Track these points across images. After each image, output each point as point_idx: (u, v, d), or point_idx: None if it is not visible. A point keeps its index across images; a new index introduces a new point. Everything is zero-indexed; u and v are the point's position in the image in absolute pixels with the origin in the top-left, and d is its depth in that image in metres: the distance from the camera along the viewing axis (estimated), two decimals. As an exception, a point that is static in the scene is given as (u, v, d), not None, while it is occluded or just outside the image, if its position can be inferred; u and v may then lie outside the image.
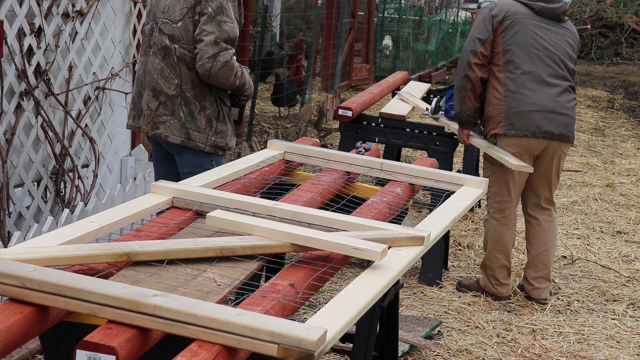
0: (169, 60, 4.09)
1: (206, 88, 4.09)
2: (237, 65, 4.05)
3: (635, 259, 6.01)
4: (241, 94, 4.21)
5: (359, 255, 2.42)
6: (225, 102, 4.17)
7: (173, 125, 4.12)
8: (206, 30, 3.95)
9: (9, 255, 2.16)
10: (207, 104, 4.11)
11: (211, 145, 4.15)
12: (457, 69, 4.96)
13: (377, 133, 6.00)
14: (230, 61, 3.97)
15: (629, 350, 4.51)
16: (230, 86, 4.08)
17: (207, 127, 4.12)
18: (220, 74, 3.98)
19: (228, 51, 3.97)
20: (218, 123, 4.14)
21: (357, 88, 13.06)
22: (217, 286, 2.23)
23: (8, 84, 4.54)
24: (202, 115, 4.10)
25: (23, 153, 4.72)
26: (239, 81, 4.07)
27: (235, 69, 4.02)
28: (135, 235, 2.55)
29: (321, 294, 4.65)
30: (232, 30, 3.99)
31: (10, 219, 4.58)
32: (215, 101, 4.13)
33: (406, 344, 4.25)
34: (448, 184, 3.45)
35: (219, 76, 3.99)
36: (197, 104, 4.09)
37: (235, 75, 4.03)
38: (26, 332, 1.92)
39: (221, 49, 3.95)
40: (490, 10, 4.89)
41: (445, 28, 17.96)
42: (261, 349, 1.84)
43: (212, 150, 4.16)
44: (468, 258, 5.86)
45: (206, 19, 3.95)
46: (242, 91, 4.18)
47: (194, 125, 4.10)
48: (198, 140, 4.12)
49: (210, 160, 4.19)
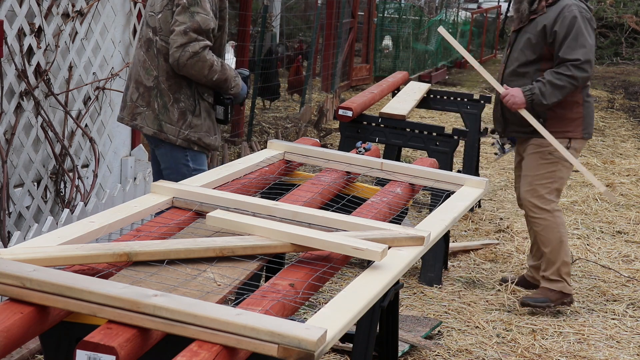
0: (151, 52, 4.08)
1: (183, 81, 4.03)
2: (214, 59, 3.96)
3: (635, 259, 6.01)
4: (225, 92, 4.12)
5: (359, 255, 2.42)
6: (204, 98, 4.09)
7: (148, 117, 4.09)
8: (179, 20, 3.91)
9: (9, 255, 2.16)
10: (182, 97, 4.04)
11: (183, 139, 4.07)
12: (567, 70, 4.70)
13: (377, 133, 6.00)
14: (200, 52, 3.89)
15: (629, 350, 4.51)
16: (206, 80, 3.99)
17: (180, 120, 4.05)
18: (190, 64, 3.90)
19: (199, 42, 3.90)
20: (193, 117, 4.06)
21: (357, 88, 13.06)
22: (217, 286, 2.23)
23: (8, 84, 4.54)
24: (175, 108, 4.04)
25: (23, 153, 4.72)
26: (217, 76, 3.99)
27: (208, 62, 3.93)
28: (135, 235, 2.55)
29: (321, 294, 4.65)
30: (204, 21, 3.91)
31: (10, 219, 4.58)
32: (193, 95, 4.06)
33: (406, 344, 4.25)
34: (448, 184, 3.45)
35: (188, 67, 3.92)
36: (171, 96, 4.04)
37: (210, 69, 3.95)
38: (26, 332, 1.92)
39: (190, 39, 3.88)
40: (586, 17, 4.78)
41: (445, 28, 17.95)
42: (261, 349, 1.84)
43: (185, 145, 4.08)
44: (468, 258, 5.86)
45: (180, 9, 3.92)
46: (225, 88, 4.09)
47: (166, 117, 4.05)
48: (170, 133, 4.06)
49: (185, 155, 4.11)
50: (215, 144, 4.18)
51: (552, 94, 4.72)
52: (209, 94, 4.11)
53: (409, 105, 6.57)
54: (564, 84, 4.70)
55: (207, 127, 4.11)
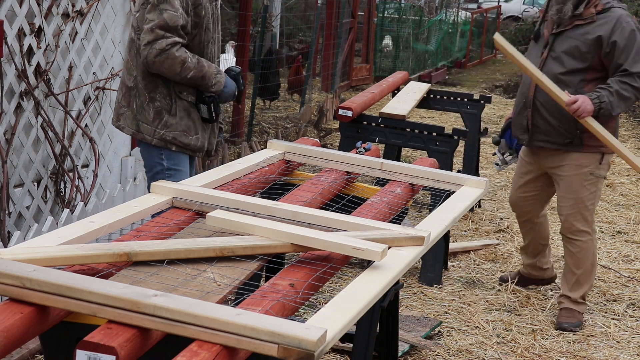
0: (132, 52, 4.04)
1: (159, 80, 3.96)
2: (186, 56, 3.87)
3: (635, 259, 6.01)
4: (205, 90, 4.01)
5: (359, 255, 2.42)
6: (182, 97, 4.00)
7: (128, 117, 4.05)
8: (148, 18, 3.86)
9: (9, 255, 2.16)
10: (158, 96, 3.98)
11: (159, 139, 4.00)
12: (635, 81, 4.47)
13: (377, 133, 6.00)
14: (168, 49, 3.82)
15: (629, 350, 4.51)
16: (180, 78, 3.91)
17: (155, 119, 3.99)
18: (158, 62, 3.84)
19: (166, 39, 3.82)
20: (169, 117, 3.99)
21: (357, 88, 13.06)
22: (217, 286, 2.23)
23: (8, 84, 4.54)
24: (151, 107, 3.98)
25: (23, 153, 4.72)
26: (192, 73, 3.90)
27: (179, 58, 3.84)
28: (135, 235, 2.55)
29: (321, 294, 4.65)
30: (171, 18, 3.82)
31: (10, 219, 4.58)
32: (170, 94, 3.98)
33: (406, 344, 4.25)
34: (448, 184, 3.45)
35: (158, 65, 3.85)
36: (147, 95, 3.98)
37: (183, 67, 3.86)
38: (26, 332, 1.92)
39: (157, 36, 3.82)
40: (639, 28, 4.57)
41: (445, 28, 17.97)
42: (261, 349, 1.84)
43: (160, 144, 4.01)
44: (468, 258, 5.86)
45: (150, 7, 3.86)
46: (204, 86, 3.99)
47: (143, 117, 4.00)
48: (146, 133, 4.01)
49: (160, 154, 4.04)
50: (197, 144, 4.08)
51: (619, 104, 4.49)
52: (189, 93, 4.02)
53: (409, 105, 6.57)
54: (630, 96, 4.49)
55: (185, 126, 4.02)
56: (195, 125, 4.05)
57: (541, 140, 4.71)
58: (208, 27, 4.01)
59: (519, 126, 4.80)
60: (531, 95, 4.68)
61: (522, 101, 4.75)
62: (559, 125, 4.61)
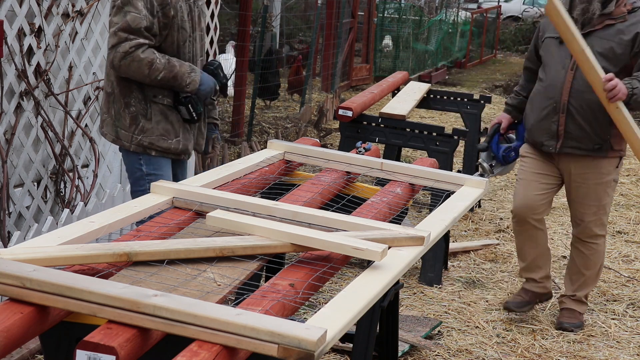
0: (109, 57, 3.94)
1: (133, 84, 3.85)
2: (153, 57, 3.75)
3: (635, 259, 6.01)
4: (181, 90, 3.87)
5: (359, 255, 2.42)
6: (157, 100, 3.87)
7: (108, 123, 3.97)
8: (113, 21, 3.80)
9: (9, 255, 2.16)
10: (133, 101, 3.88)
11: (136, 145, 3.91)
12: None
13: (377, 133, 6.00)
14: (132, 52, 3.71)
15: (629, 350, 4.51)
16: (150, 80, 3.79)
17: (131, 125, 3.89)
18: (124, 65, 3.75)
19: (129, 42, 3.72)
20: (145, 121, 3.88)
21: (357, 88, 13.06)
22: (217, 286, 2.23)
23: (8, 84, 4.54)
24: (127, 113, 3.89)
25: (23, 153, 4.72)
26: (162, 75, 3.77)
27: (145, 60, 3.73)
28: (135, 235, 2.55)
29: (321, 294, 4.65)
30: (133, 20, 3.71)
31: (10, 219, 4.58)
32: (145, 98, 3.87)
33: (406, 344, 4.25)
34: (448, 184, 3.45)
35: (124, 68, 3.75)
36: (122, 101, 3.89)
37: (151, 68, 3.74)
38: (26, 332, 1.92)
39: (120, 39, 3.73)
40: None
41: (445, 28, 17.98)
42: (261, 349, 1.84)
43: (138, 150, 3.92)
44: (468, 258, 5.86)
45: (115, 10, 3.80)
46: (178, 86, 3.85)
47: (121, 124, 3.91)
48: (124, 139, 3.92)
49: (139, 159, 3.94)
50: (178, 147, 3.95)
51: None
52: (165, 95, 3.89)
53: (409, 105, 6.57)
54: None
55: (163, 130, 3.90)
56: (175, 127, 3.94)
57: (571, 147, 4.46)
58: (183, 27, 3.88)
59: (545, 132, 4.51)
60: (565, 99, 4.41)
61: (551, 105, 4.46)
62: (592, 131, 4.41)
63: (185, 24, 3.89)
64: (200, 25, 4.04)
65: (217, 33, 7.13)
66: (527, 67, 4.81)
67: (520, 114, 4.79)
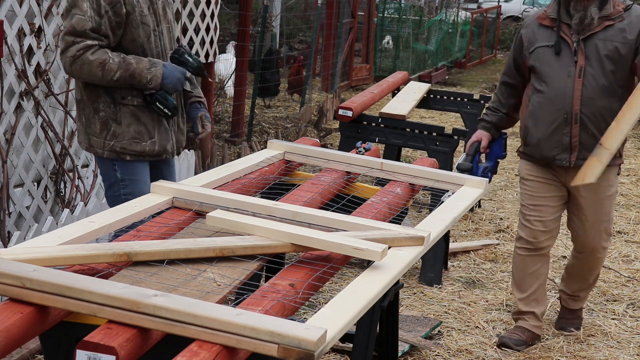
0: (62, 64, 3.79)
1: (100, 88, 3.66)
2: (104, 57, 3.55)
3: (635, 259, 6.01)
4: (144, 87, 3.65)
5: (359, 255, 2.42)
6: (126, 102, 3.68)
7: (80, 131, 3.81)
8: (64, 25, 3.68)
9: (9, 255, 2.16)
10: (101, 106, 3.68)
11: (109, 151, 3.71)
12: None
13: (377, 133, 6.01)
14: (80, 55, 3.53)
15: (629, 350, 4.51)
16: (107, 82, 3.59)
17: (102, 130, 3.70)
18: (76, 70, 3.58)
19: (76, 45, 3.54)
20: (116, 125, 3.69)
21: (357, 88, 13.06)
22: (217, 286, 2.23)
23: (8, 84, 4.54)
24: (97, 119, 3.70)
25: (23, 153, 4.72)
26: (118, 74, 3.57)
27: (95, 62, 3.54)
28: (135, 235, 2.55)
29: (321, 294, 4.65)
30: (78, 22, 3.53)
31: (10, 219, 4.58)
32: (113, 101, 3.68)
33: (406, 344, 4.25)
34: (448, 184, 3.45)
35: (76, 73, 3.60)
36: (91, 106, 3.70)
37: (104, 69, 3.55)
38: (26, 332, 1.92)
39: (67, 43, 3.57)
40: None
41: (445, 28, 17.98)
42: (261, 349, 1.84)
43: (112, 156, 3.73)
44: (468, 258, 5.87)
45: (64, 14, 3.66)
46: (139, 84, 3.63)
47: (92, 130, 3.72)
48: (97, 146, 3.73)
49: (113, 165, 3.75)
50: (154, 149, 3.76)
51: None
52: (135, 96, 3.69)
53: (409, 105, 6.57)
54: None
55: (135, 133, 3.72)
56: (149, 128, 3.74)
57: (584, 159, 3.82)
58: (144, 22, 3.67)
59: (556, 145, 4.20)
60: (576, 108, 4.13)
61: (561, 117, 4.16)
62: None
63: (146, 19, 3.69)
64: (166, 17, 3.84)
65: (217, 33, 7.13)
66: (505, 82, 4.52)
67: (498, 132, 4.58)
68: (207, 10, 6.91)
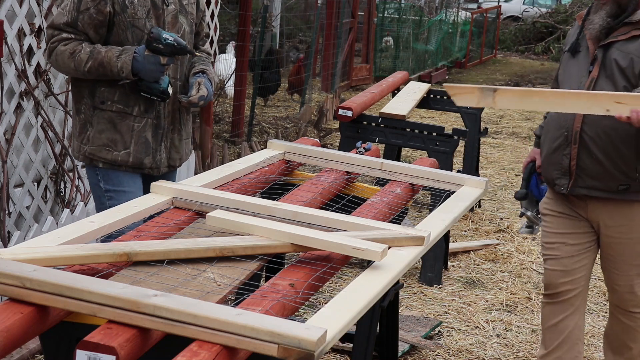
0: None
1: (84, 89, 3.50)
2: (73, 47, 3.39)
3: (635, 259, 6.00)
4: (117, 77, 3.41)
5: (359, 255, 2.42)
6: (104, 107, 3.47)
7: (73, 134, 3.65)
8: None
9: (9, 255, 2.16)
10: (83, 107, 3.51)
11: (82, 155, 3.53)
12: None
13: (377, 133, 6.01)
14: (55, 47, 3.43)
15: (629, 350, 4.51)
16: (82, 73, 3.41)
17: (81, 133, 3.53)
18: (53, 62, 3.48)
19: (52, 37, 3.45)
20: (91, 129, 3.49)
21: (357, 88, 13.06)
22: (217, 286, 2.23)
23: (8, 84, 4.54)
24: (78, 121, 3.54)
25: (23, 153, 4.72)
26: (89, 64, 3.38)
27: (66, 52, 3.40)
28: (135, 235, 2.55)
29: (321, 294, 4.65)
30: (57, 15, 3.44)
31: (10, 219, 4.58)
32: (93, 104, 3.49)
33: (406, 344, 4.25)
34: (448, 184, 3.45)
35: (54, 65, 3.49)
36: (74, 106, 3.57)
37: (75, 59, 3.39)
38: (26, 332, 1.92)
39: (48, 36, 3.49)
40: None
41: (445, 28, 17.98)
42: (261, 349, 1.84)
43: (86, 161, 3.55)
44: (468, 258, 5.87)
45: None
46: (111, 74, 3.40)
47: (74, 131, 3.59)
48: (75, 149, 3.58)
49: (96, 173, 3.53)
50: (127, 160, 3.49)
51: None
52: (115, 101, 3.47)
53: (409, 105, 6.57)
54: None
55: (107, 140, 3.47)
56: (124, 138, 3.48)
57: (587, 187, 3.48)
58: (136, 25, 3.45)
59: (556, 167, 3.56)
60: (577, 126, 3.46)
61: (562, 135, 3.52)
62: (612, 166, 3.43)
63: (139, 22, 3.44)
64: (176, 27, 3.54)
65: (217, 33, 7.13)
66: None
67: None
68: (207, 10, 6.91)
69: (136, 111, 3.49)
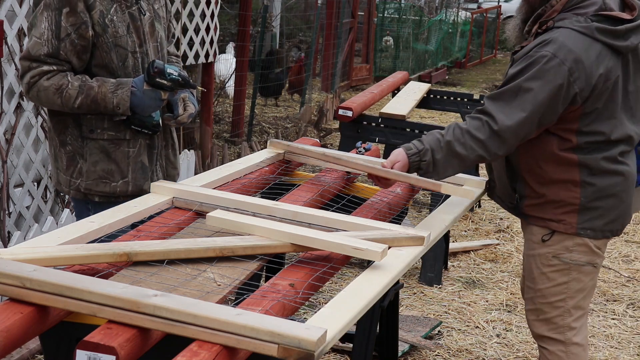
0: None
1: (68, 118, 3.20)
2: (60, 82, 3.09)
3: (635, 259, 6.01)
4: (113, 113, 3.15)
5: (359, 255, 2.42)
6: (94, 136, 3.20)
7: (52, 164, 3.35)
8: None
9: (9, 255, 2.16)
10: (69, 138, 3.21)
11: (75, 190, 3.25)
12: None
13: (377, 133, 6.01)
14: (35, 82, 3.11)
15: (629, 350, 4.51)
16: (70, 109, 3.13)
17: (69, 167, 3.23)
18: (33, 97, 3.16)
19: (31, 70, 3.11)
20: (83, 162, 3.22)
21: (357, 88, 13.06)
22: (217, 286, 2.22)
23: (8, 84, 4.54)
24: (63, 153, 3.23)
25: (23, 153, 4.72)
26: (79, 100, 3.09)
27: (51, 88, 3.09)
28: (135, 235, 2.55)
29: (321, 294, 4.65)
30: (33, 46, 3.10)
31: (10, 219, 4.58)
32: (80, 135, 3.20)
33: (406, 344, 4.25)
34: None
35: (35, 100, 3.19)
36: (56, 138, 3.24)
37: (62, 95, 3.09)
38: (26, 332, 1.92)
39: (23, 69, 3.14)
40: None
41: (445, 28, 17.99)
42: (261, 349, 1.84)
43: (79, 196, 3.27)
44: (468, 258, 5.86)
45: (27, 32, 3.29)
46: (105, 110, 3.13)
47: (59, 165, 3.27)
48: (64, 184, 3.27)
49: (87, 206, 3.26)
50: (126, 190, 3.26)
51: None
52: (105, 129, 3.20)
53: (409, 105, 6.58)
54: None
55: (102, 172, 3.21)
56: (121, 166, 3.24)
57: (497, 195, 3.42)
58: (119, 44, 3.18)
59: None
60: None
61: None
62: (501, 181, 3.34)
63: (122, 40, 3.18)
64: (154, 35, 3.32)
65: (217, 33, 7.13)
66: None
67: None
68: (207, 10, 6.91)
69: (129, 134, 3.24)
